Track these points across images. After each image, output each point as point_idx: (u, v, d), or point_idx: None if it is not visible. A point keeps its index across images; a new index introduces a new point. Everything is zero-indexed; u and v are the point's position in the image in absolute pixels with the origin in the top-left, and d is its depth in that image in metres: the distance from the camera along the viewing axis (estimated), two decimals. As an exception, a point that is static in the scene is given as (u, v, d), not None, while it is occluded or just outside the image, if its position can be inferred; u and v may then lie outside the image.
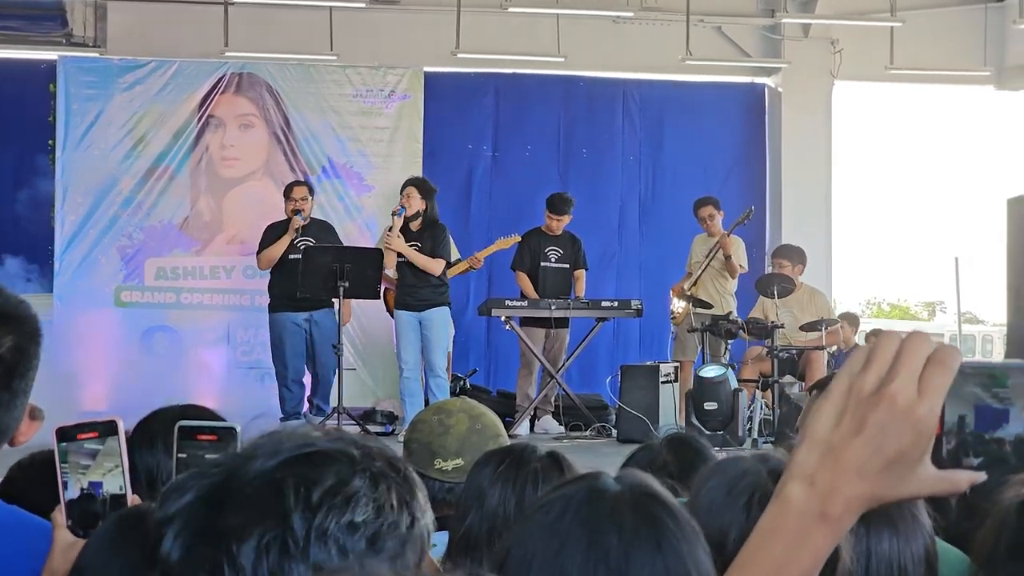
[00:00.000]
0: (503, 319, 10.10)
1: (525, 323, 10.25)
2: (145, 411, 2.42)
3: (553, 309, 10.09)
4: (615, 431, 9.98)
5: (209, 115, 11.79)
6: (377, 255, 9.38)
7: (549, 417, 10.40)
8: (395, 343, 9.90)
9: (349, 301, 9.72)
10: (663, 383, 9.81)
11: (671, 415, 9.79)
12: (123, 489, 1.78)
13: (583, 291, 10.45)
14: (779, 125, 13.29)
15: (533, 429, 10.30)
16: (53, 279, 11.42)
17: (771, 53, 13.37)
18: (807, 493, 1.07)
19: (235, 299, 11.69)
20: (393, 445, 1.24)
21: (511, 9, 12.13)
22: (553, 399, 10.41)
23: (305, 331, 9.95)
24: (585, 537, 1.39)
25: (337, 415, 9.19)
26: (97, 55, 12.22)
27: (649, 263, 12.76)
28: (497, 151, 12.84)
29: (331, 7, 12.17)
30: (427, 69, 12.23)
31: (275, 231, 9.99)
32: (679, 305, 10.58)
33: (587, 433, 10.19)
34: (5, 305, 1.79)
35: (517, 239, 10.58)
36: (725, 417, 9.33)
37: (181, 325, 11.61)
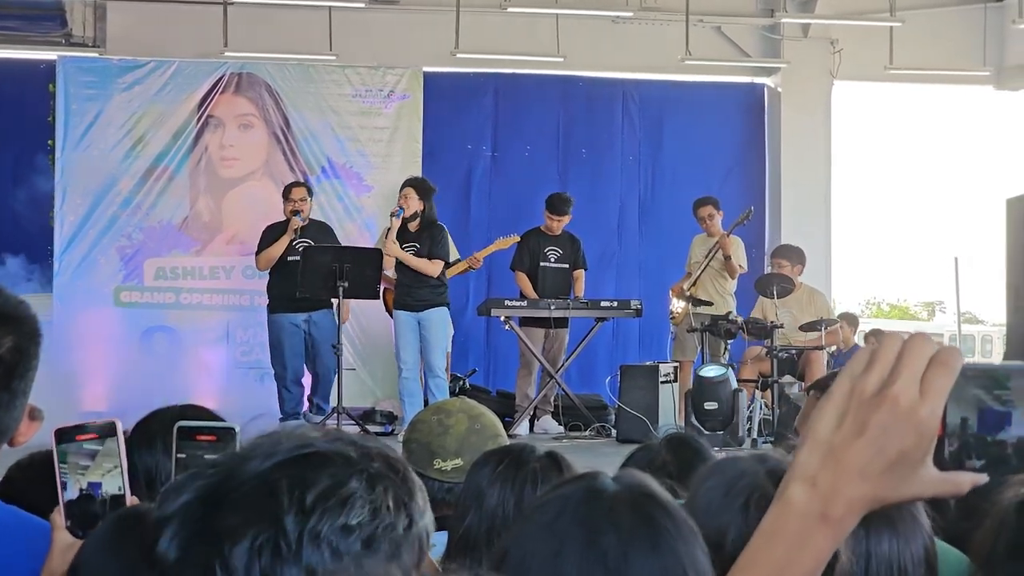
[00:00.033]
0: (502, 319, 10.10)
1: (524, 323, 10.25)
2: (144, 411, 2.42)
3: (552, 309, 10.09)
4: (614, 431, 9.98)
5: (208, 115, 11.78)
6: (376, 255, 9.38)
7: (548, 417, 10.40)
8: (394, 343, 9.90)
9: (348, 300, 9.71)
10: (662, 383, 9.81)
11: (670, 415, 9.79)
12: (122, 490, 1.78)
13: (582, 291, 10.45)
14: (778, 125, 13.29)
15: (532, 429, 10.30)
16: (52, 279, 11.42)
17: (770, 53, 13.37)
18: (809, 494, 1.07)
19: (234, 299, 11.68)
20: (392, 445, 1.24)
21: (510, 9, 12.13)
22: (552, 399, 10.41)
23: (304, 332, 9.95)
24: (583, 537, 1.39)
25: (336, 415, 9.19)
26: (96, 55, 12.22)
27: (648, 263, 12.76)
28: (496, 151, 12.84)
29: (330, 7, 12.17)
30: (426, 69, 12.23)
31: (274, 232, 9.98)
32: (678, 305, 10.58)
33: (586, 433, 10.19)
34: (5, 305, 1.79)
35: (516, 239, 10.57)
36: (725, 417, 9.33)
37: (180, 325, 11.60)
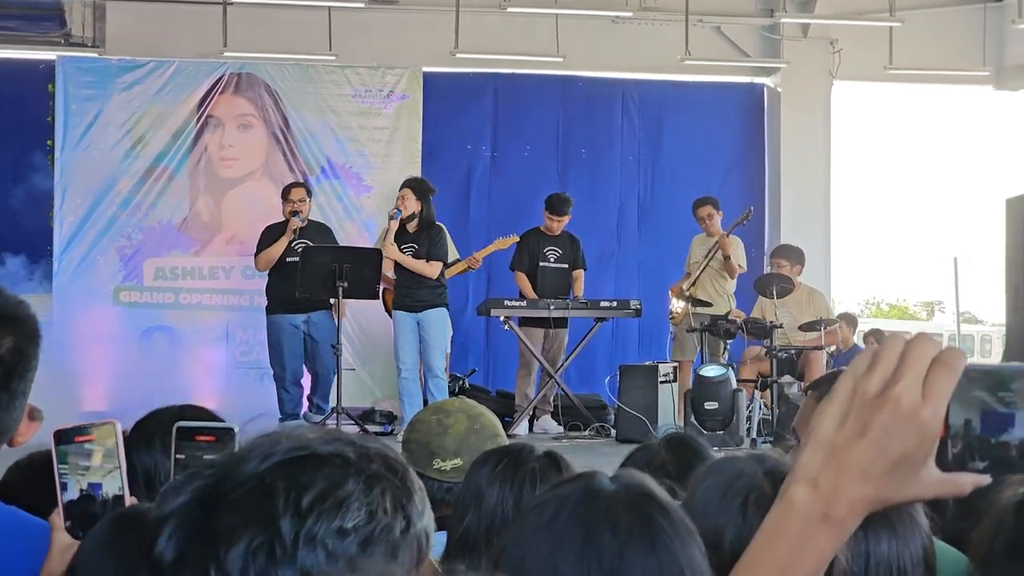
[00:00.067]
0: (502, 319, 10.10)
1: (524, 323, 10.25)
2: (144, 411, 2.42)
3: (552, 309, 10.09)
4: (614, 431, 9.98)
5: (208, 115, 11.77)
6: (376, 255, 9.37)
7: (548, 417, 10.39)
8: (393, 343, 9.89)
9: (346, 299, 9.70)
10: (662, 383, 9.81)
11: (670, 415, 9.78)
12: (121, 491, 1.78)
13: (582, 291, 10.44)
14: (778, 125, 13.29)
15: (532, 429, 10.29)
16: (52, 279, 11.41)
17: (770, 53, 13.36)
18: (811, 495, 1.07)
19: (234, 299, 11.68)
20: (392, 445, 1.24)
21: (510, 9, 12.12)
22: (552, 399, 10.40)
23: (303, 333, 9.95)
24: (580, 536, 1.39)
25: (336, 415, 9.19)
26: (96, 55, 12.21)
27: (648, 263, 12.75)
28: (496, 151, 12.83)
29: (330, 7, 12.17)
30: (426, 69, 12.22)
31: (273, 233, 9.98)
32: (678, 305, 10.57)
33: (586, 433, 10.19)
34: (4, 306, 1.79)
35: (515, 239, 10.57)
36: (725, 417, 9.33)
37: (180, 325, 11.60)
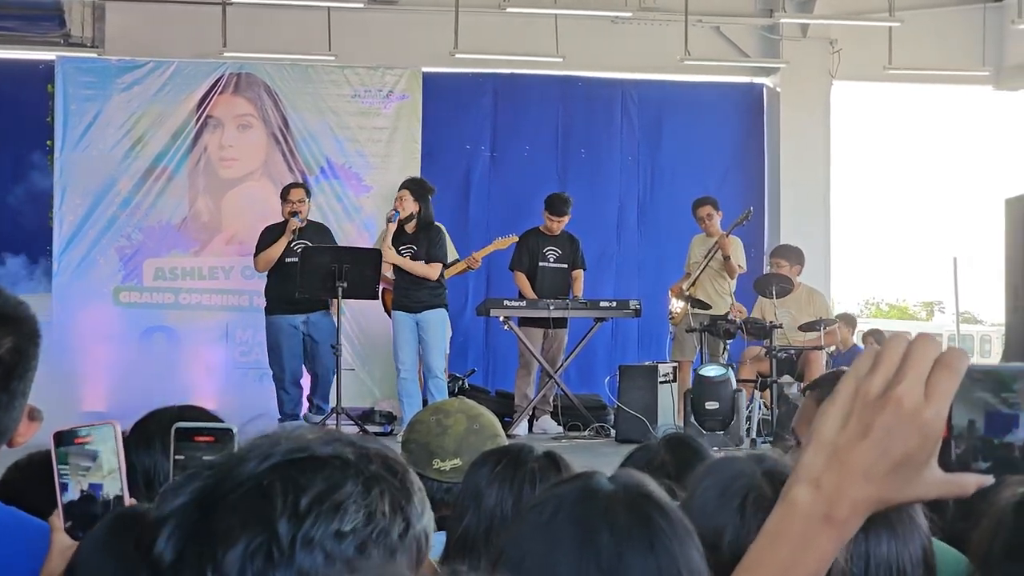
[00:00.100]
0: (501, 319, 10.10)
1: (523, 323, 10.24)
2: (144, 411, 2.42)
3: (551, 309, 10.09)
4: (613, 431, 9.97)
5: (207, 115, 11.77)
6: (375, 255, 9.36)
7: (548, 417, 10.39)
8: (393, 344, 9.89)
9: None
10: (661, 383, 9.80)
11: (669, 415, 9.78)
12: (121, 492, 1.78)
13: (581, 291, 10.44)
14: (777, 125, 13.29)
15: (532, 429, 10.29)
16: (52, 279, 11.41)
17: (770, 53, 13.36)
18: (813, 496, 1.07)
19: (234, 299, 11.67)
20: (392, 445, 1.24)
21: (509, 9, 12.12)
22: (551, 399, 10.40)
23: (303, 333, 9.95)
24: (577, 536, 1.39)
25: (336, 415, 9.19)
26: (95, 55, 12.21)
27: (647, 263, 12.76)
28: (495, 151, 12.83)
29: (329, 7, 12.17)
30: (425, 69, 12.22)
31: (272, 233, 9.97)
32: (677, 305, 10.57)
33: (585, 433, 10.19)
34: (4, 306, 1.79)
35: (514, 239, 10.57)
36: (726, 417, 9.32)
37: (180, 325, 11.60)
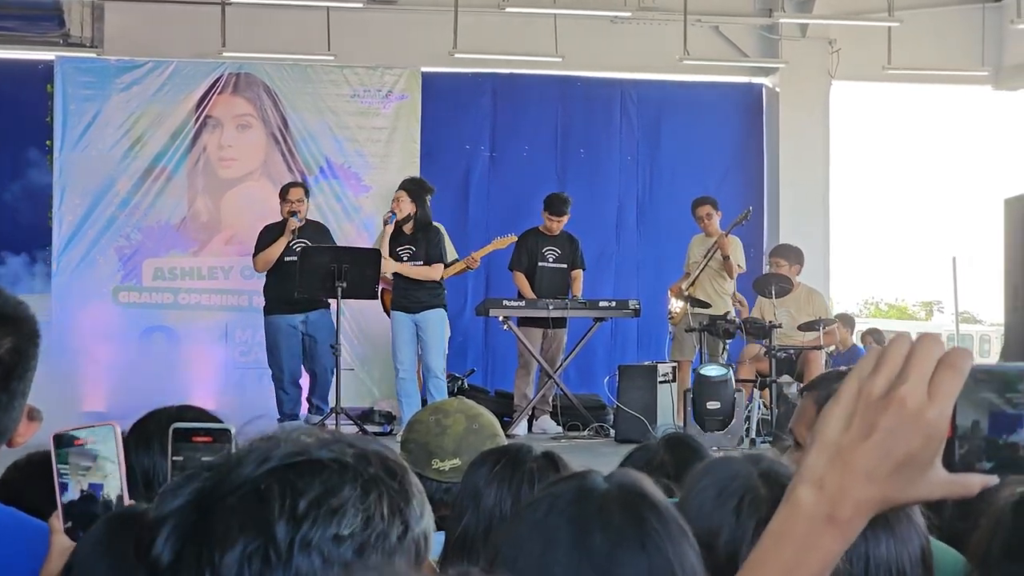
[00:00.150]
0: (501, 319, 10.10)
1: (523, 323, 10.24)
2: (143, 411, 2.42)
3: (551, 309, 10.09)
4: (613, 431, 9.97)
5: (206, 115, 11.77)
6: (375, 255, 9.35)
7: (547, 417, 10.39)
8: (392, 344, 9.89)
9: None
10: (661, 383, 9.80)
11: (669, 415, 9.78)
12: (121, 492, 1.78)
13: (580, 291, 10.44)
14: (777, 125, 13.29)
15: (531, 429, 10.29)
16: (51, 279, 11.41)
17: (769, 53, 13.37)
18: (816, 496, 1.06)
19: (233, 299, 11.67)
20: (391, 445, 1.24)
21: (508, 9, 12.12)
22: (551, 399, 10.40)
23: (301, 332, 9.94)
24: (572, 535, 1.39)
25: (335, 415, 9.19)
26: (94, 55, 12.21)
27: (647, 263, 12.76)
28: (495, 151, 12.83)
29: (328, 7, 12.16)
30: (424, 69, 12.22)
31: (271, 233, 9.96)
32: (677, 305, 10.57)
33: (585, 433, 10.19)
34: (4, 307, 1.79)
35: (513, 239, 10.57)
36: (726, 417, 9.32)
37: (179, 325, 11.60)
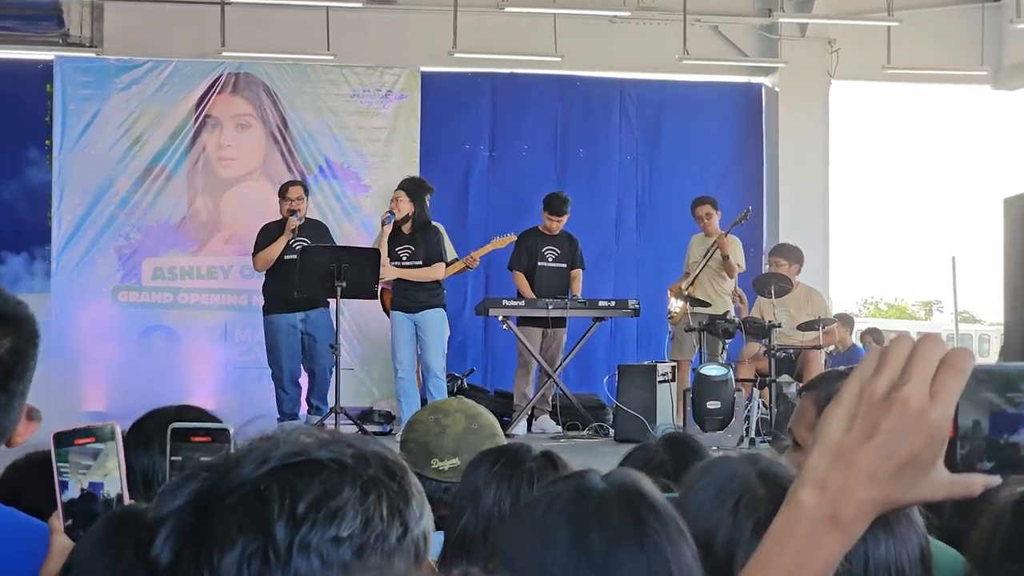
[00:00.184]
0: (500, 319, 10.10)
1: (522, 323, 10.24)
2: (143, 411, 2.42)
3: (550, 309, 10.09)
4: (612, 431, 9.98)
5: (206, 115, 11.77)
6: (374, 255, 9.35)
7: (547, 417, 10.39)
8: (391, 344, 9.88)
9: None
10: (660, 383, 9.80)
11: (668, 414, 9.78)
12: (121, 491, 1.78)
13: (580, 291, 10.44)
14: (776, 125, 13.29)
15: (531, 429, 10.30)
16: (51, 279, 11.41)
17: (768, 53, 13.37)
18: (818, 497, 1.06)
19: (232, 299, 11.67)
20: (390, 445, 1.24)
21: (508, 9, 12.12)
22: (550, 399, 10.41)
23: (301, 331, 9.94)
24: (570, 534, 1.39)
25: (335, 415, 9.18)
26: (94, 55, 12.21)
27: (646, 263, 12.76)
28: (494, 151, 12.83)
29: (328, 7, 12.16)
30: (424, 69, 12.22)
31: (270, 231, 9.96)
32: (676, 305, 10.56)
33: (584, 433, 10.19)
34: (3, 306, 1.79)
35: (512, 238, 10.58)
36: (726, 416, 9.32)
37: (178, 325, 11.59)
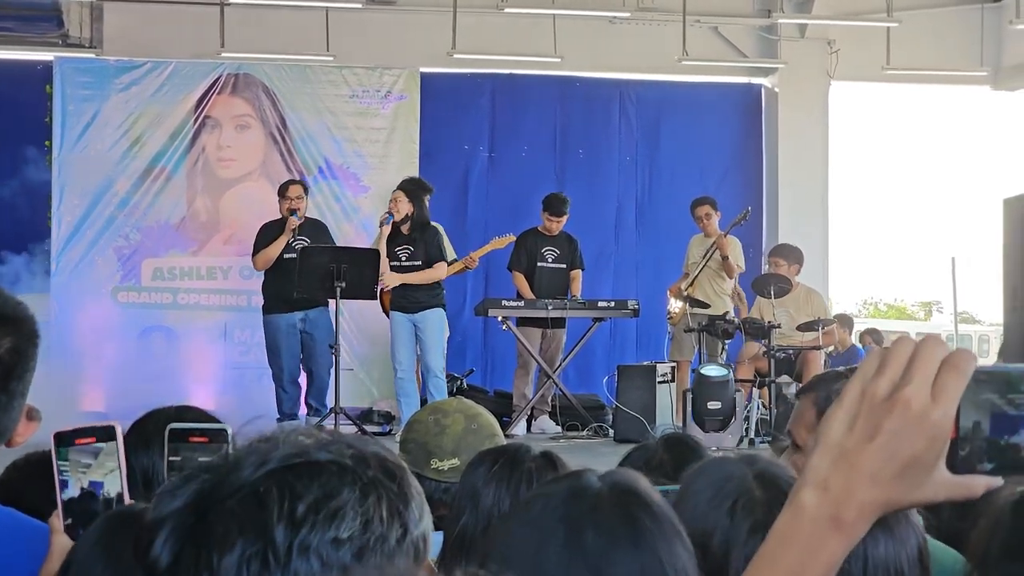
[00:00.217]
0: (500, 319, 10.10)
1: (522, 323, 10.25)
2: (142, 411, 2.42)
3: (550, 309, 10.09)
4: (612, 431, 9.98)
5: (205, 116, 11.77)
6: (374, 255, 9.35)
7: (546, 417, 10.40)
8: (390, 344, 9.89)
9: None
10: (660, 383, 9.80)
11: (668, 415, 9.78)
12: (122, 490, 1.78)
13: (579, 291, 10.45)
14: (776, 125, 13.29)
15: (530, 429, 10.30)
16: (50, 279, 11.41)
17: (768, 53, 13.37)
18: (820, 499, 1.06)
19: (232, 299, 11.67)
20: (390, 445, 1.24)
21: (507, 10, 12.12)
22: (550, 399, 10.41)
23: (300, 331, 9.94)
24: (564, 534, 1.39)
25: (335, 415, 9.18)
26: (93, 56, 12.21)
27: (646, 263, 12.76)
28: (494, 151, 12.83)
29: (327, 8, 12.16)
30: (423, 70, 12.22)
31: (270, 231, 9.96)
32: (676, 305, 10.57)
33: (584, 433, 10.19)
34: (3, 307, 1.79)
35: (511, 238, 10.58)
36: (727, 417, 9.32)
37: (178, 325, 11.60)
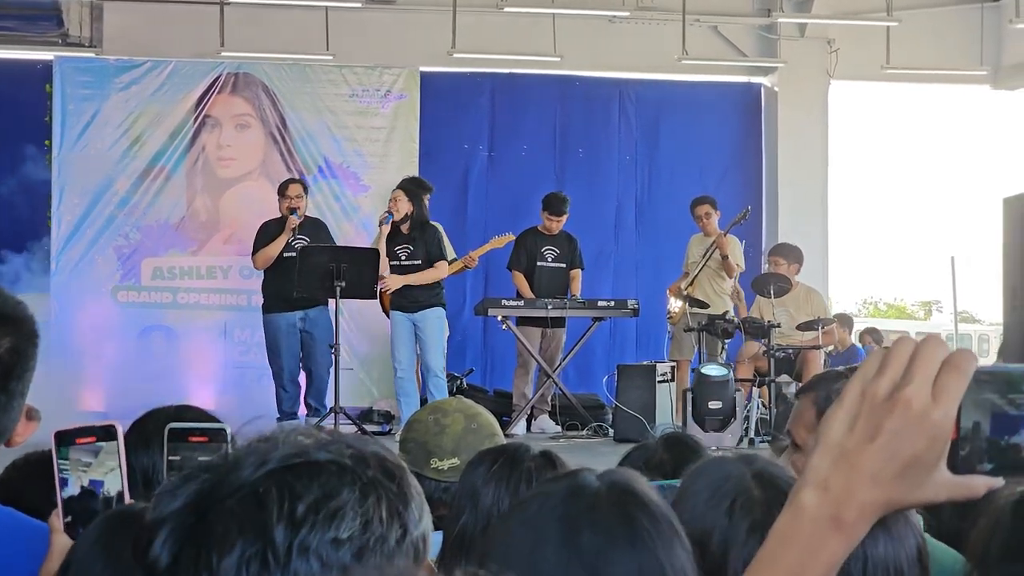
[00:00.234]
0: (500, 319, 10.10)
1: (521, 323, 10.25)
2: (142, 411, 2.42)
3: (549, 309, 10.09)
4: (612, 430, 9.98)
5: (205, 115, 11.77)
6: (374, 255, 9.35)
7: (546, 416, 10.40)
8: (390, 343, 9.89)
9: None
10: (660, 382, 9.80)
11: (668, 414, 9.78)
12: (122, 489, 1.78)
13: (579, 291, 10.45)
14: (775, 125, 13.29)
15: (530, 428, 10.30)
16: (50, 279, 11.41)
17: (767, 53, 13.37)
18: (820, 499, 1.05)
19: (232, 299, 11.67)
20: (390, 445, 1.24)
21: (507, 9, 12.12)
22: (550, 399, 10.41)
23: (300, 330, 9.94)
24: (561, 533, 1.39)
25: (335, 415, 9.18)
26: (93, 55, 12.21)
27: (646, 263, 12.76)
28: (493, 151, 12.83)
29: (327, 7, 12.16)
30: (423, 69, 12.23)
31: (270, 229, 9.95)
32: (676, 304, 10.57)
33: (584, 432, 10.19)
34: (3, 306, 1.79)
35: (510, 238, 10.59)
36: (727, 416, 9.32)
37: (178, 325, 11.60)
